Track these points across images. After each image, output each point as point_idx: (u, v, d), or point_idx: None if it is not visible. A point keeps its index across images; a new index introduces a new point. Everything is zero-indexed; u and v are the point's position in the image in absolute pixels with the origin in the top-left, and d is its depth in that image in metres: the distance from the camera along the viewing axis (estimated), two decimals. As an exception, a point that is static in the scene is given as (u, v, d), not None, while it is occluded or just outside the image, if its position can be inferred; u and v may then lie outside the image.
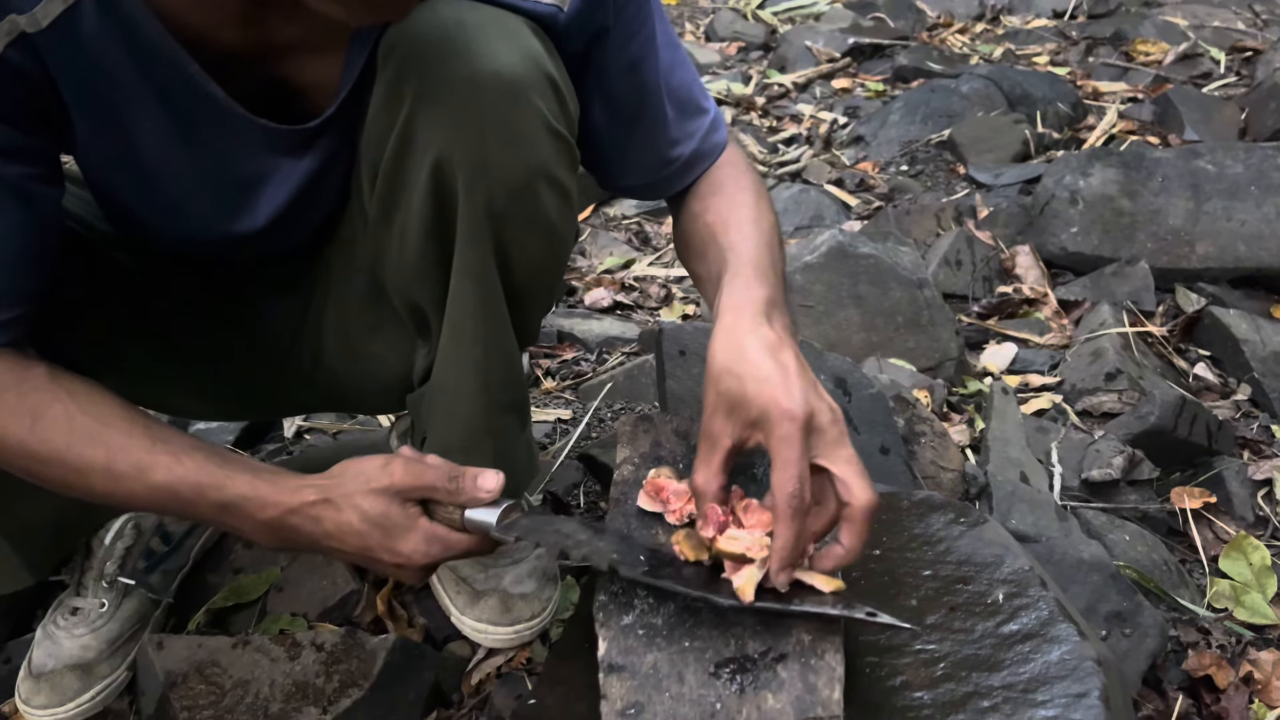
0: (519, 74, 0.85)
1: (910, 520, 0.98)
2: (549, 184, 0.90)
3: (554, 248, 0.97)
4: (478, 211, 0.89)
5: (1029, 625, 0.85)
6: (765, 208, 1.01)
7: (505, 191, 0.88)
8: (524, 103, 0.85)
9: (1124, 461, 1.45)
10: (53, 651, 1.15)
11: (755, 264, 0.92)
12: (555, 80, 0.88)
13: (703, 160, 1.05)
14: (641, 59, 0.97)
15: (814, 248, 1.87)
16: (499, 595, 1.17)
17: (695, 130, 1.03)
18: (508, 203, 0.89)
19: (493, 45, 0.84)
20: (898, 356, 1.74)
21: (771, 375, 0.80)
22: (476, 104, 0.84)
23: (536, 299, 1.02)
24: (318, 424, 1.69)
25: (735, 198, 1.01)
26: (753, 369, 0.81)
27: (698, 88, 1.04)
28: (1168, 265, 1.99)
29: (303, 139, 0.93)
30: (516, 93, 0.85)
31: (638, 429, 1.06)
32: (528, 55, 0.86)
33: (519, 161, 0.87)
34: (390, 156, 0.89)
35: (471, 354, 0.98)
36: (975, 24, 3.87)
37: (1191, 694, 1.16)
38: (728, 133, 1.08)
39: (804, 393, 0.80)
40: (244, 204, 0.96)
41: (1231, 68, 3.05)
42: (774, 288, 0.90)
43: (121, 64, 0.82)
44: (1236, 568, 1.33)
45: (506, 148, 0.86)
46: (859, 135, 2.93)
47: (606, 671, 0.82)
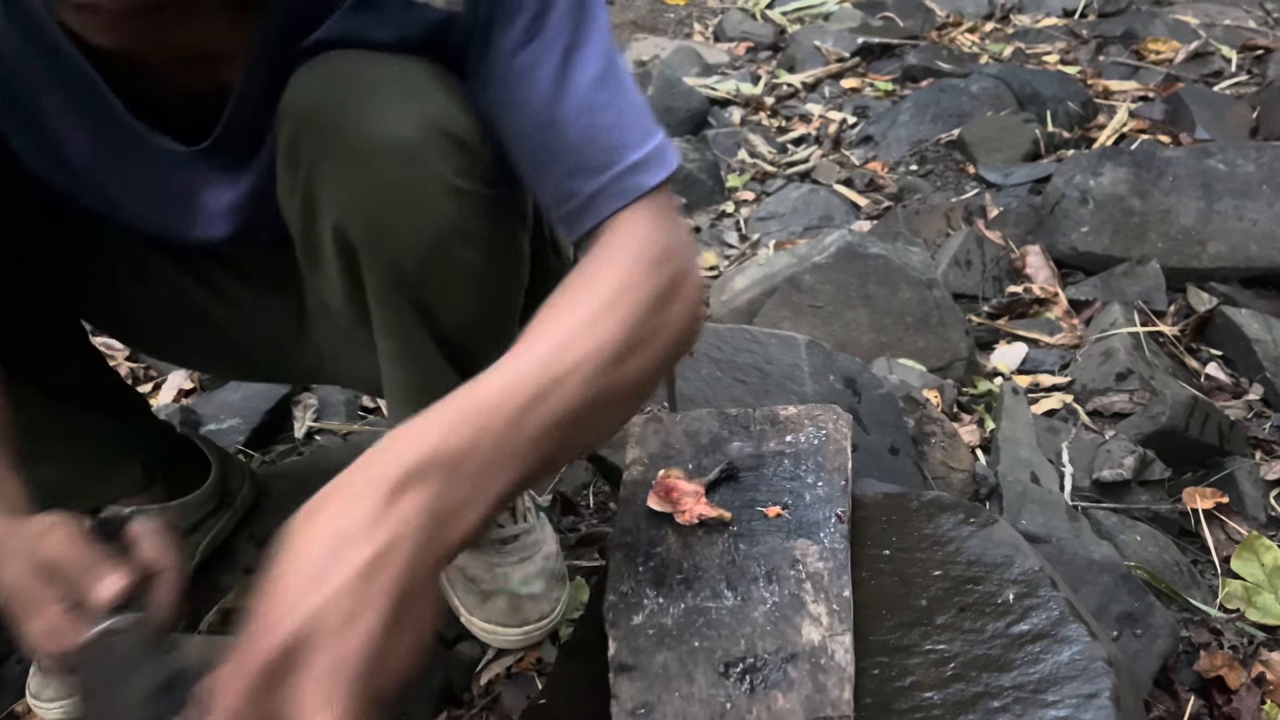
0: (413, 138, 0.79)
1: (920, 521, 0.98)
2: (464, 241, 0.84)
3: (485, 297, 0.92)
4: (382, 278, 0.85)
5: (1039, 625, 0.85)
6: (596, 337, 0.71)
7: (411, 257, 0.83)
8: (420, 168, 0.80)
9: (1135, 462, 1.45)
10: None
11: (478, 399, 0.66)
12: (458, 135, 0.80)
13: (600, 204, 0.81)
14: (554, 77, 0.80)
15: (823, 248, 1.87)
16: (507, 596, 1.17)
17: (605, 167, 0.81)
18: (417, 267, 0.84)
19: (385, 108, 0.79)
20: (907, 357, 1.73)
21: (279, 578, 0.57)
22: (370, 173, 0.79)
23: (482, 342, 0.91)
24: (328, 425, 1.70)
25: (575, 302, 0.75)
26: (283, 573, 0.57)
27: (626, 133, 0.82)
28: (1179, 265, 1.99)
29: (216, 159, 0.89)
30: (411, 159, 0.79)
31: (647, 429, 1.07)
32: (424, 115, 0.79)
33: (421, 228, 0.82)
34: (299, 214, 0.86)
35: (405, 405, 0.96)
36: (985, 23, 3.86)
37: (1203, 695, 1.16)
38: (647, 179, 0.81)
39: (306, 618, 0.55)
40: (193, 214, 0.94)
41: (1243, 66, 3.04)
42: (468, 437, 0.63)
43: (37, 73, 0.81)
44: (1248, 568, 1.33)
45: (406, 215, 0.81)
46: (868, 135, 2.92)
47: (616, 671, 0.82)
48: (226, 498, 1.34)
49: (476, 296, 0.90)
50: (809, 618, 0.84)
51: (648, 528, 0.95)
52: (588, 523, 1.41)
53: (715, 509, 0.94)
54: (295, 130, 0.81)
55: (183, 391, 1.86)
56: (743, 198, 2.68)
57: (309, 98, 0.80)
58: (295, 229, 0.89)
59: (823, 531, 0.92)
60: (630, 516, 0.97)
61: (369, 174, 0.79)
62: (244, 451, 1.60)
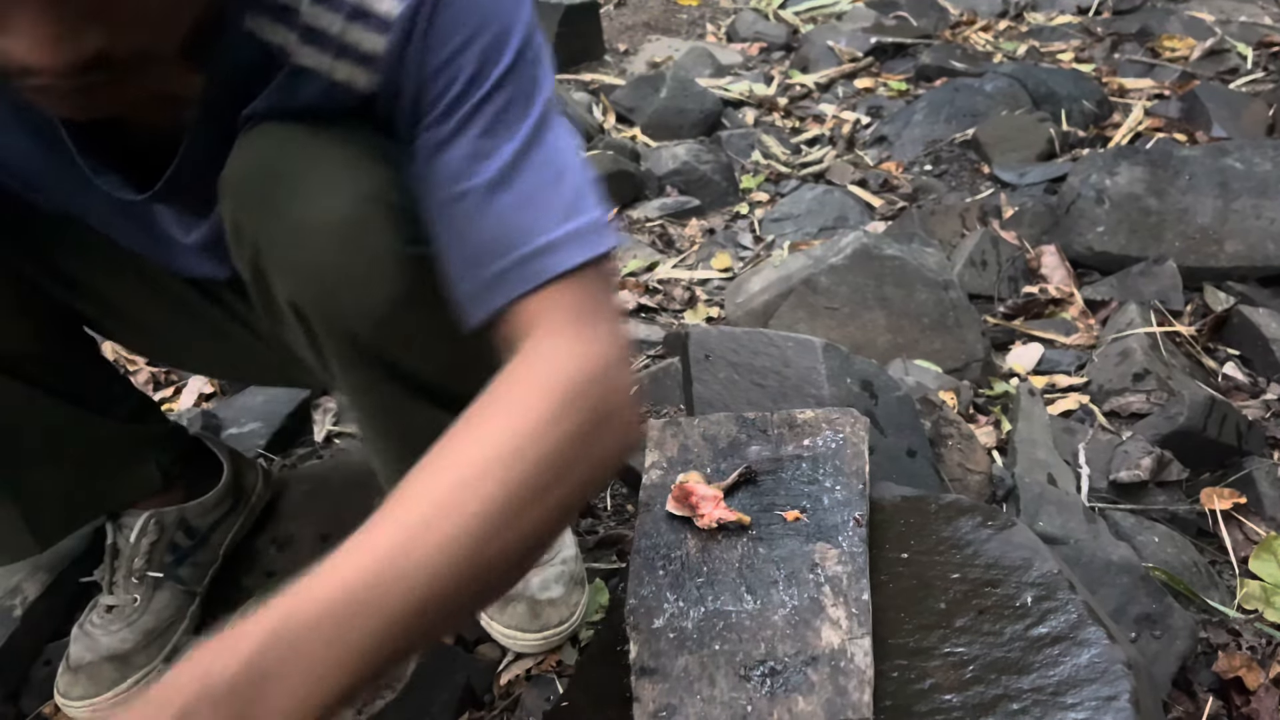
0: (350, 214, 0.77)
1: (938, 524, 0.99)
2: (420, 304, 0.82)
3: (453, 342, 0.84)
4: (343, 347, 0.85)
5: (1058, 628, 0.86)
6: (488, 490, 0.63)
7: (367, 328, 0.82)
8: (364, 243, 0.78)
9: (1152, 462, 1.45)
10: (90, 646, 1.17)
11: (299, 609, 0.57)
12: (401, 203, 0.80)
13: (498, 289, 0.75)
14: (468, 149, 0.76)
15: (839, 249, 1.87)
16: (527, 601, 1.18)
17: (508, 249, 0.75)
18: (375, 336, 0.83)
19: (319, 187, 0.78)
20: (923, 358, 1.74)
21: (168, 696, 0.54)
22: (312, 251, 0.78)
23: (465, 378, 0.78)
24: (348, 428, 1.71)
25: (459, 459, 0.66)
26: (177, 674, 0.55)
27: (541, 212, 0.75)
28: (1196, 264, 1.98)
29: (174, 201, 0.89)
30: (352, 234, 0.78)
31: (665, 433, 1.08)
32: (363, 188, 0.78)
33: (371, 300, 0.81)
34: (252, 283, 0.86)
35: (387, 452, 0.97)
36: (999, 21, 3.85)
37: (1222, 696, 1.16)
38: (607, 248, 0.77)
39: None
40: (171, 248, 0.95)
41: (1259, 63, 3.02)
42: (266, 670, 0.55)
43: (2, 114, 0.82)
44: (1267, 569, 1.32)
45: (354, 289, 0.80)
46: (882, 135, 2.92)
47: (638, 674, 0.83)
48: (242, 496, 1.36)
49: (444, 345, 0.86)
50: (828, 621, 0.85)
51: (667, 532, 0.96)
52: (606, 525, 1.42)
53: (734, 513, 0.95)
54: (235, 207, 0.81)
55: (203, 395, 1.88)
56: (757, 199, 2.68)
57: (247, 175, 0.79)
58: (252, 293, 0.88)
59: (841, 535, 0.92)
60: (649, 521, 0.98)
61: (309, 253, 0.78)
62: (264, 455, 1.62)
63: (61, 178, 0.87)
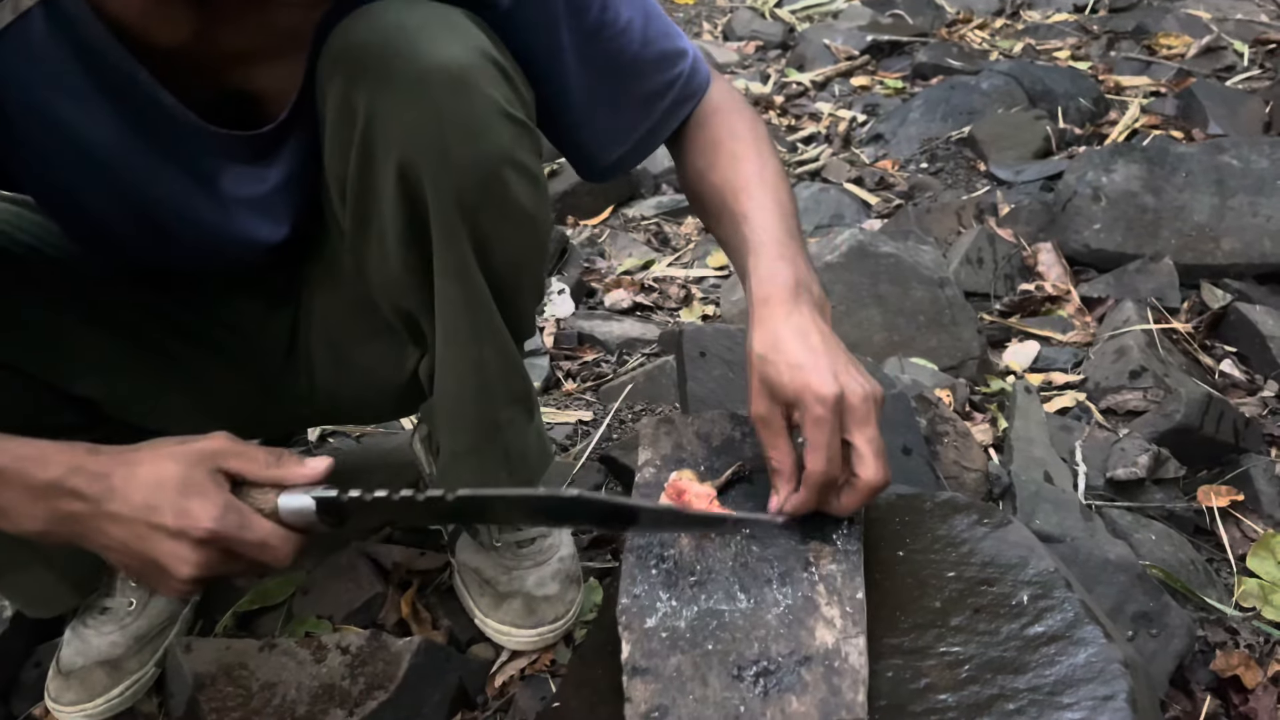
0: (466, 65, 0.84)
1: (933, 522, 0.98)
2: (515, 170, 0.90)
3: (531, 234, 0.97)
4: (448, 208, 0.89)
5: (1054, 627, 0.85)
6: (767, 155, 1.01)
7: (473, 183, 0.88)
8: (476, 92, 0.85)
9: (1149, 460, 1.44)
10: (81, 649, 1.16)
11: (775, 239, 0.93)
12: (504, 66, 0.88)
13: (684, 104, 1.03)
14: (601, 26, 0.95)
15: (834, 247, 1.87)
16: (522, 597, 1.18)
17: (674, 79, 1.01)
18: (477, 194, 0.89)
19: (436, 41, 0.84)
20: (919, 356, 1.73)
21: (805, 361, 0.86)
22: (429, 101, 0.84)
23: (523, 290, 1.02)
24: (341, 427, 1.70)
25: (736, 151, 1.00)
26: (787, 355, 0.87)
27: (670, 34, 1.02)
28: (1192, 261, 1.97)
29: (260, 145, 0.92)
30: (467, 83, 0.85)
31: (659, 431, 1.07)
32: (473, 46, 0.86)
33: (481, 151, 0.87)
34: (355, 169, 0.89)
35: (467, 355, 0.99)
36: (995, 19, 3.84)
37: (1219, 694, 1.15)
38: (710, 71, 1.06)
39: (835, 375, 0.85)
40: (216, 215, 0.95)
41: (1256, 60, 3.02)
42: (797, 260, 0.93)
43: (72, 72, 0.82)
44: (1264, 566, 1.32)
45: (466, 139, 0.86)
46: (878, 133, 2.92)
47: (630, 674, 0.82)
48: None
49: (525, 230, 0.95)
50: (822, 620, 0.84)
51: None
52: (600, 524, 1.41)
53: (727, 511, 0.94)
54: (348, 79, 0.85)
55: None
56: (753, 197, 2.67)
57: (359, 41, 0.84)
58: (350, 190, 0.91)
59: (835, 533, 0.92)
60: (643, 519, 0.97)
61: (428, 102, 0.84)
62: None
63: (139, 147, 0.88)
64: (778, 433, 0.88)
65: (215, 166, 0.93)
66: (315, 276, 1.10)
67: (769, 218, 0.95)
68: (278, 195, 0.96)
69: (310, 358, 1.14)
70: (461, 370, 1.00)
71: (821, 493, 0.87)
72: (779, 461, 0.88)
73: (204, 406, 1.14)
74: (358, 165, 0.88)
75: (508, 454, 1.07)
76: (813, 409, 0.84)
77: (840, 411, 0.84)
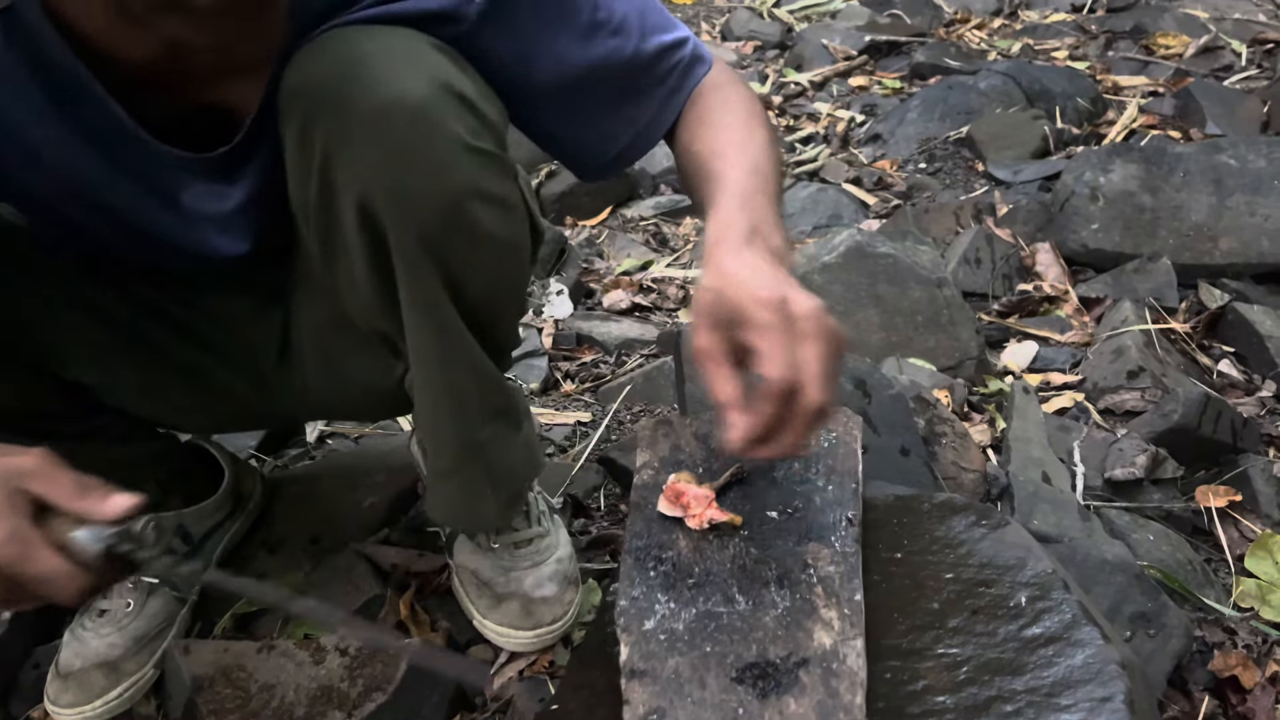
0: (424, 99, 0.82)
1: (931, 523, 0.98)
2: (482, 201, 0.88)
3: (505, 260, 0.95)
4: (410, 244, 0.87)
5: (1052, 628, 0.85)
6: (755, 125, 0.97)
7: (435, 219, 0.86)
8: (434, 128, 0.83)
9: (1147, 460, 1.44)
10: (80, 651, 1.16)
11: (739, 192, 0.88)
12: (467, 96, 0.85)
13: (681, 92, 1.00)
14: (595, 26, 0.92)
15: (832, 248, 1.87)
16: (520, 599, 1.18)
17: (672, 67, 0.99)
18: (440, 229, 0.86)
19: (392, 75, 0.81)
20: (917, 356, 1.73)
21: (747, 277, 0.79)
22: (386, 139, 0.82)
23: (502, 313, 1.01)
24: (340, 428, 1.71)
25: (722, 121, 0.98)
26: (730, 279, 0.80)
27: (667, 24, 0.99)
28: (1190, 261, 1.98)
29: (219, 165, 0.90)
30: (425, 119, 0.82)
31: (657, 433, 1.07)
32: (433, 78, 0.83)
33: (441, 187, 0.85)
34: (315, 202, 0.88)
35: (439, 381, 0.98)
36: (993, 19, 3.84)
37: (1217, 694, 1.15)
38: (710, 55, 1.03)
39: (779, 282, 0.78)
40: (173, 224, 0.94)
41: (1253, 60, 3.02)
42: (758, 211, 0.87)
43: (26, 81, 0.81)
44: (1262, 566, 1.32)
45: (425, 175, 0.84)
46: (876, 133, 2.92)
47: (628, 677, 0.82)
48: (240, 502, 1.35)
49: (496, 258, 0.93)
50: (820, 622, 0.84)
51: (658, 532, 0.95)
52: (599, 525, 1.41)
53: (726, 513, 0.94)
54: (306, 112, 0.83)
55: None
56: (751, 197, 2.67)
57: (315, 77, 0.82)
58: (312, 221, 0.90)
59: (834, 535, 0.92)
60: (641, 521, 0.97)
61: (386, 139, 0.81)
62: (256, 456, 1.61)
63: (95, 162, 0.87)
64: (721, 362, 0.80)
65: (174, 182, 0.91)
66: (298, 286, 1.10)
67: (739, 175, 0.90)
68: (241, 213, 0.94)
69: (302, 360, 1.14)
70: (435, 395, 1.00)
71: (781, 406, 0.77)
72: (725, 393, 0.79)
73: (199, 399, 1.14)
74: (318, 198, 0.87)
75: (490, 470, 1.06)
76: (758, 315, 0.77)
77: (789, 319, 0.76)
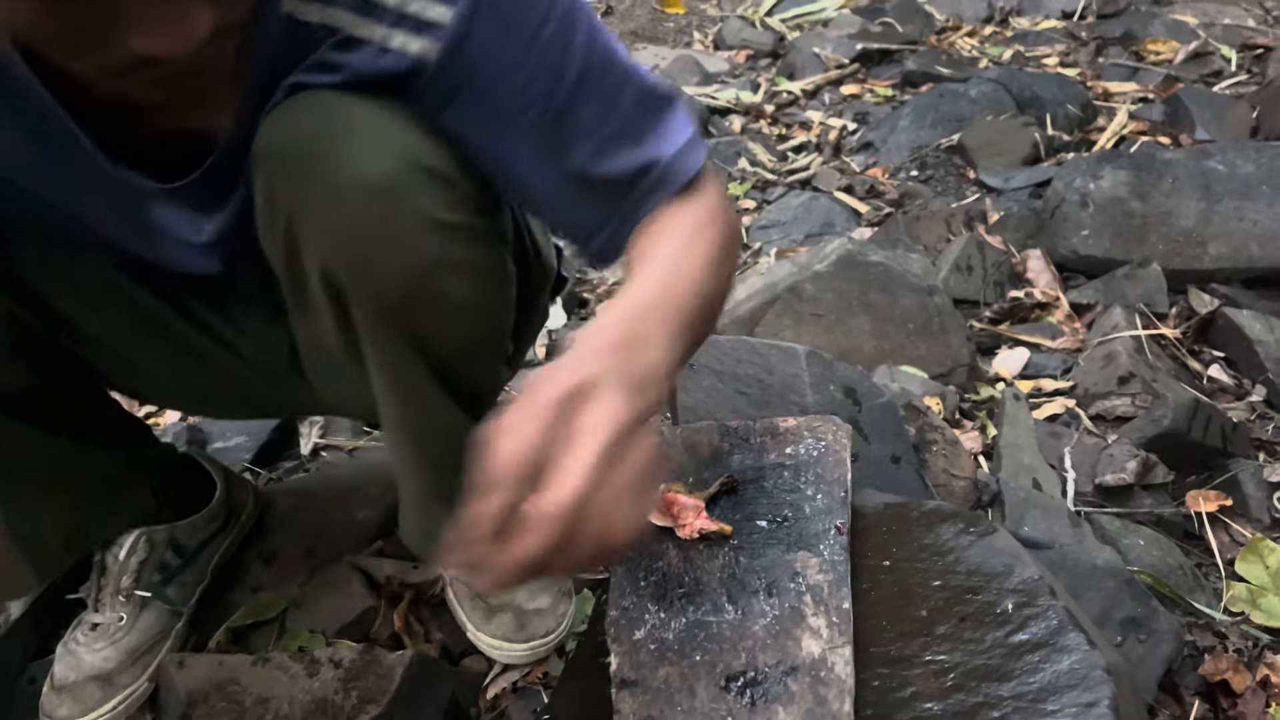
0: (388, 176, 0.80)
1: (919, 530, 0.99)
2: (451, 271, 0.86)
3: (479, 324, 0.94)
4: (370, 315, 0.87)
5: (1039, 634, 0.85)
6: (702, 245, 0.85)
7: (396, 292, 0.84)
8: (399, 205, 0.81)
9: (1138, 465, 1.45)
10: (74, 665, 1.17)
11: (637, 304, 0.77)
12: (437, 169, 0.82)
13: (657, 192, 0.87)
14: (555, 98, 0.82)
15: (823, 256, 1.88)
16: (513, 611, 1.18)
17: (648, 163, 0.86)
18: (404, 302, 0.85)
19: (362, 149, 0.80)
20: (909, 364, 1.74)
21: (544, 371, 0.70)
22: (348, 214, 0.80)
23: (477, 363, 0.99)
24: (334, 441, 1.71)
25: (673, 224, 0.86)
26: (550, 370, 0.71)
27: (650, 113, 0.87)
28: (1180, 267, 1.99)
29: (189, 194, 0.89)
30: (389, 197, 0.80)
31: (647, 444, 1.07)
32: (399, 152, 0.80)
33: (404, 263, 0.83)
34: (283, 260, 0.87)
35: (405, 438, 1.00)
36: (984, 26, 3.86)
37: (1209, 699, 1.16)
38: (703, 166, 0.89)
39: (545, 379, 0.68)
40: (171, 246, 0.94)
41: (1243, 65, 3.04)
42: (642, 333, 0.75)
43: None
44: (1253, 571, 1.33)
45: (387, 252, 0.82)
46: (868, 141, 2.93)
47: (618, 687, 0.83)
48: (233, 514, 1.35)
49: (468, 322, 0.91)
50: (809, 630, 0.85)
51: (648, 542, 0.96)
52: (592, 535, 1.41)
53: (716, 523, 0.95)
54: (270, 176, 0.82)
55: (190, 410, 1.87)
56: (744, 206, 2.69)
57: (282, 142, 0.81)
58: (279, 270, 0.89)
59: (822, 543, 0.92)
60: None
61: (346, 214, 0.80)
62: (251, 469, 1.61)
63: (58, 176, 0.86)
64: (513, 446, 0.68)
65: (143, 204, 0.90)
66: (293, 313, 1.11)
67: (646, 289, 0.79)
68: (225, 238, 0.93)
69: (311, 365, 1.15)
70: (402, 450, 1.02)
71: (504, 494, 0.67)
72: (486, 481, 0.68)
73: (215, 384, 1.15)
74: (285, 257, 0.87)
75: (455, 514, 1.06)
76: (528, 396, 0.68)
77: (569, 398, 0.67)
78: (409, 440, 1.00)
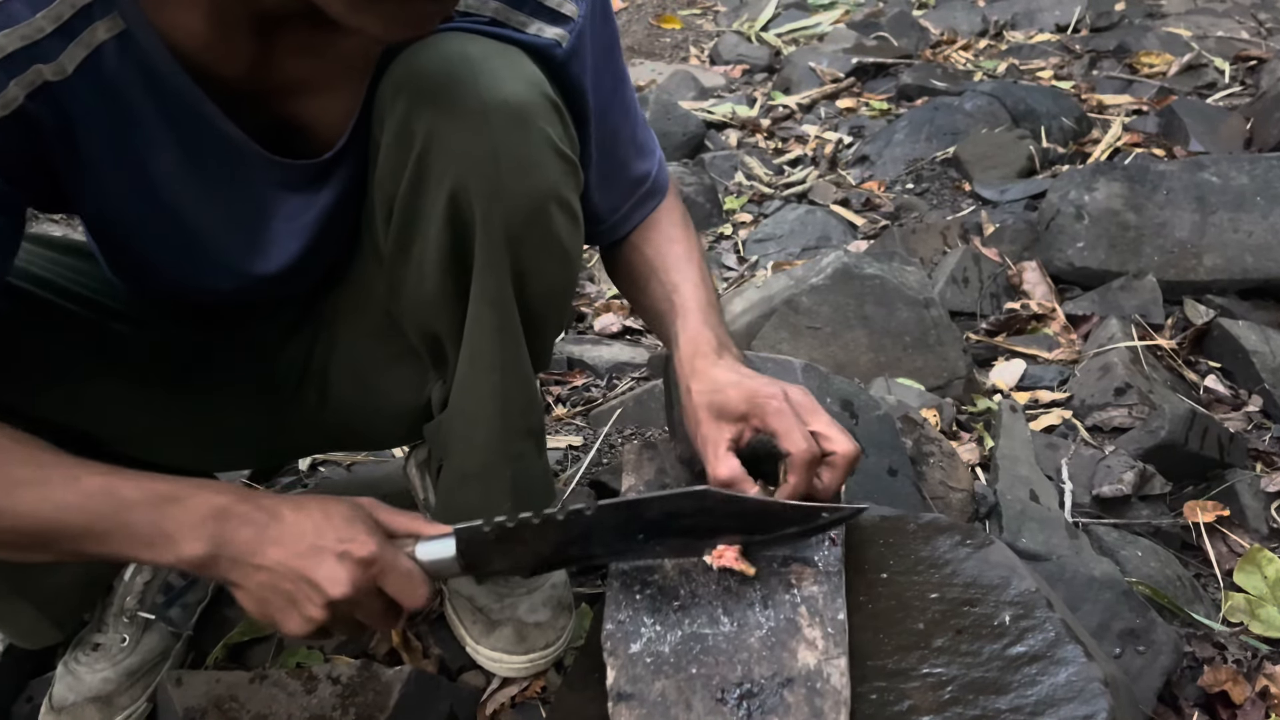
0: (525, 100, 0.88)
1: (916, 543, 0.99)
2: (559, 206, 0.93)
3: (567, 269, 1.00)
4: (495, 238, 0.91)
5: (1036, 647, 0.85)
6: (695, 243, 1.12)
7: (520, 216, 0.91)
8: (532, 128, 0.89)
9: (1135, 476, 1.45)
10: (73, 686, 1.16)
11: (700, 308, 1.04)
12: (558, 104, 0.92)
13: (652, 199, 1.13)
14: (611, 104, 1.03)
15: (820, 269, 1.88)
16: (514, 624, 1.18)
17: (648, 171, 1.12)
18: (523, 227, 0.91)
19: (498, 75, 0.88)
20: (906, 376, 1.74)
21: (742, 380, 0.96)
22: (488, 133, 0.87)
23: (550, 322, 1.05)
24: (332, 456, 1.71)
25: (669, 233, 1.12)
26: (726, 383, 0.96)
27: (648, 130, 1.14)
28: (1175, 278, 1.99)
29: (315, 174, 0.95)
30: (525, 119, 0.88)
31: (642, 456, 1.08)
32: (532, 82, 0.89)
33: (531, 186, 0.90)
34: (405, 191, 0.91)
35: (490, 379, 1.00)
36: (978, 40, 3.89)
37: (1208, 710, 1.16)
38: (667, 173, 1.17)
39: (772, 382, 0.95)
40: (261, 243, 0.97)
41: (1236, 77, 3.06)
42: (717, 327, 1.03)
43: (140, 103, 0.83)
44: (1251, 581, 1.33)
45: (519, 173, 0.89)
46: (864, 155, 2.94)
47: (615, 700, 0.83)
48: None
49: (559, 268, 0.98)
50: (805, 642, 0.85)
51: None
52: (590, 550, 1.41)
53: (743, 562, 0.91)
54: (410, 103, 0.87)
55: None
56: (740, 220, 2.70)
57: (421, 71, 0.87)
58: (396, 211, 0.93)
59: (817, 555, 0.92)
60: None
61: (488, 134, 0.87)
62: (249, 484, 1.61)
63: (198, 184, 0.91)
64: (722, 444, 0.94)
65: (266, 196, 0.94)
66: (342, 302, 1.12)
67: (694, 290, 1.05)
68: (321, 222, 0.99)
69: (327, 382, 1.15)
70: (483, 394, 1.01)
71: (809, 473, 0.91)
72: (728, 471, 0.93)
73: (203, 435, 1.14)
74: (409, 188, 0.91)
75: (514, 483, 1.07)
76: (768, 405, 0.92)
77: (792, 404, 0.92)
78: (490, 387, 1.01)
